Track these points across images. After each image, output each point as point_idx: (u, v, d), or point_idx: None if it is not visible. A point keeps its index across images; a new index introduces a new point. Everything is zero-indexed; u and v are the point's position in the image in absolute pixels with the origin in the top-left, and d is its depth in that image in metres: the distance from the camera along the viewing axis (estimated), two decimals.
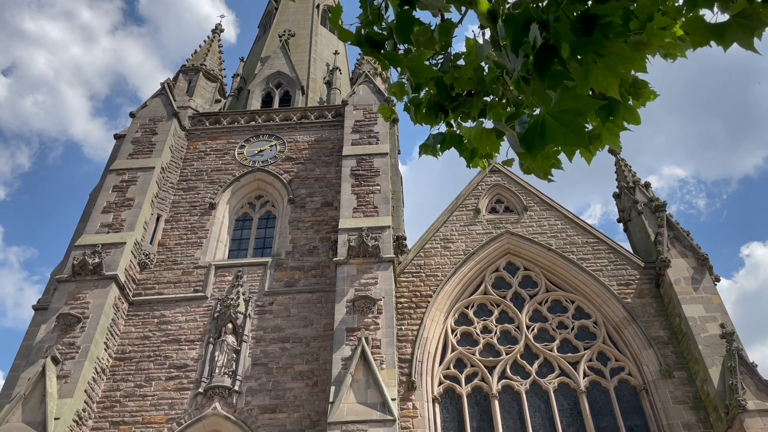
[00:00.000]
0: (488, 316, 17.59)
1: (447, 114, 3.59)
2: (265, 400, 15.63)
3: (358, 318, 15.71)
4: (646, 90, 3.28)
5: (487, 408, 15.96)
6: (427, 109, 3.58)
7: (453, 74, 3.40)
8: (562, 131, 2.91)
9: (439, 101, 3.54)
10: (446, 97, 3.52)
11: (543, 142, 2.95)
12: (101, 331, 16.00)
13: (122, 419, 15.41)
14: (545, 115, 2.93)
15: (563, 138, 2.91)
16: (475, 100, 3.45)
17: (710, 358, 15.04)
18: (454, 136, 3.67)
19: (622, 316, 16.96)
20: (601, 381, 16.20)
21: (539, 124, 2.95)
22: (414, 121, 3.64)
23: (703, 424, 14.83)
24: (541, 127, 2.94)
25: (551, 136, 2.94)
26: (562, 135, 2.91)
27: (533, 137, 2.97)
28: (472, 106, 3.45)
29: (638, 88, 3.31)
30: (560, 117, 2.91)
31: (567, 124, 2.90)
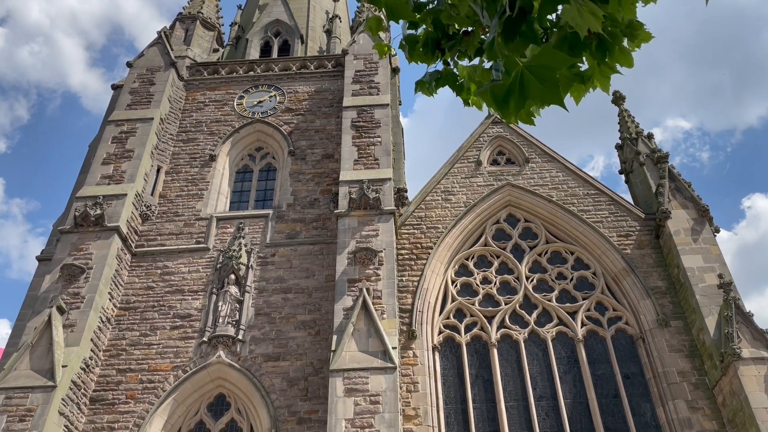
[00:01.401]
0: (488, 268, 17.73)
1: (443, 53, 3.52)
2: (268, 348, 15.93)
3: (359, 269, 15.85)
4: (642, 31, 3.20)
5: (485, 356, 16.26)
6: (424, 47, 3.51)
7: (449, 12, 3.31)
8: (539, 88, 2.91)
9: (436, 38, 3.46)
10: (443, 35, 3.45)
11: (522, 99, 2.97)
12: (105, 282, 16.19)
13: (129, 367, 15.76)
14: (523, 69, 2.92)
15: (541, 95, 2.92)
16: (472, 39, 3.37)
17: (707, 307, 15.23)
18: (450, 74, 3.61)
19: (621, 267, 17.09)
20: (599, 330, 16.46)
21: (518, 80, 2.94)
22: (409, 59, 3.58)
23: (697, 371, 15.13)
24: (520, 84, 2.94)
25: (530, 92, 2.94)
26: (540, 91, 2.92)
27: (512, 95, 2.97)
28: (468, 45, 3.37)
29: (633, 29, 3.23)
30: (537, 71, 2.90)
31: (544, 80, 2.90)
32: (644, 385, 15.52)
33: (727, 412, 14.25)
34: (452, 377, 16.02)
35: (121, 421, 14.86)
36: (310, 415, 14.79)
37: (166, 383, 15.41)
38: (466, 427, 15.16)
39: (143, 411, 14.98)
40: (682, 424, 14.43)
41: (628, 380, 15.68)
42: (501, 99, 3.03)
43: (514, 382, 15.83)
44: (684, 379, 15.06)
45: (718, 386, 14.50)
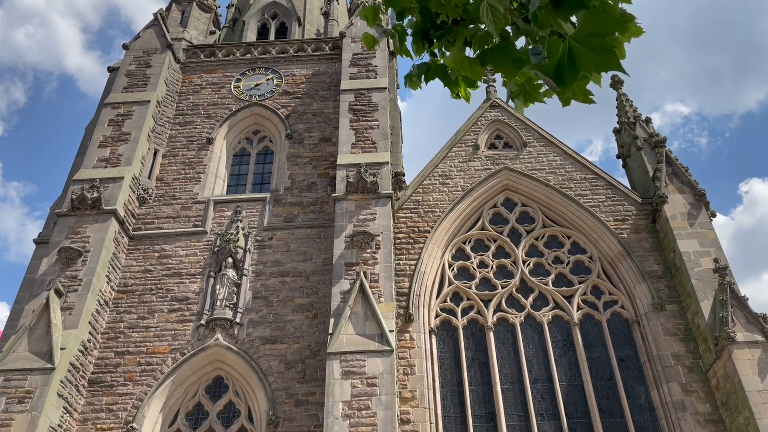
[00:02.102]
0: (485, 251, 17.78)
1: (432, 43, 3.48)
2: (266, 331, 16.01)
3: (356, 253, 15.88)
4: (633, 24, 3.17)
5: (482, 339, 16.37)
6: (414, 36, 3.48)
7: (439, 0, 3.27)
8: (592, 56, 2.80)
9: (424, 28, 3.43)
10: (431, 25, 3.41)
11: (574, 71, 2.85)
12: (103, 265, 16.22)
13: (127, 349, 15.84)
14: (570, 41, 2.81)
15: (595, 62, 2.80)
16: (461, 29, 3.33)
17: (702, 291, 15.30)
18: (439, 66, 3.57)
19: (617, 251, 17.14)
20: (594, 314, 16.55)
21: (566, 53, 2.82)
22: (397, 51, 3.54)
23: (692, 354, 15.25)
24: (570, 56, 2.83)
25: (582, 63, 2.83)
26: (593, 60, 2.80)
27: (563, 69, 2.86)
28: (457, 35, 3.34)
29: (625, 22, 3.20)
30: (587, 41, 2.79)
31: (595, 48, 2.78)
32: (639, 368, 15.65)
33: (721, 395, 14.38)
34: (449, 360, 16.13)
35: (120, 403, 14.98)
36: (307, 398, 14.92)
37: (164, 365, 15.51)
38: (462, 410, 15.29)
39: (141, 393, 15.10)
40: (676, 407, 14.58)
41: (623, 363, 15.80)
42: (553, 77, 2.92)
43: (510, 365, 15.95)
44: (678, 362, 15.18)
45: (712, 369, 14.62)
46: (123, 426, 14.64)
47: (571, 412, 15.13)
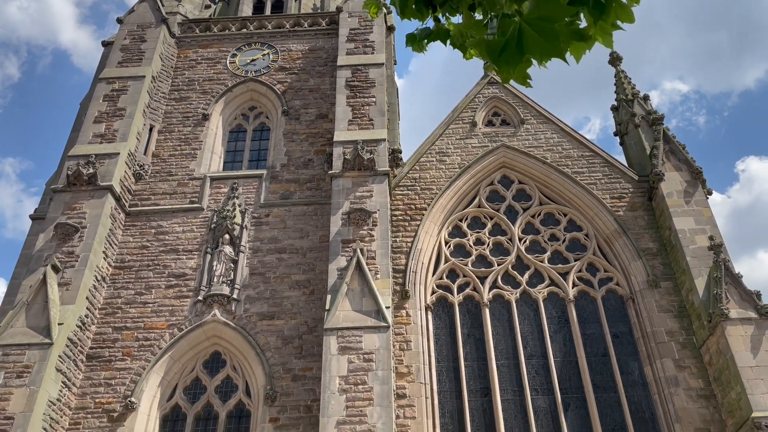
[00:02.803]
0: (481, 229, 17.82)
1: (435, 9, 3.45)
2: (263, 307, 16.09)
3: (353, 230, 15.91)
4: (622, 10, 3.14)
5: (477, 316, 16.49)
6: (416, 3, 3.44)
7: None
8: (539, 41, 2.86)
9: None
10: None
11: (520, 53, 2.91)
12: (99, 241, 16.21)
13: (124, 325, 15.91)
14: (521, 23, 2.86)
15: (540, 48, 2.87)
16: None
17: (697, 269, 15.41)
18: (442, 30, 3.54)
19: (613, 229, 17.21)
20: (590, 291, 16.67)
21: (515, 33, 2.88)
22: (401, 15, 3.50)
23: (685, 331, 15.41)
24: (518, 37, 2.88)
25: (528, 46, 2.89)
26: (539, 45, 2.87)
27: (510, 49, 2.91)
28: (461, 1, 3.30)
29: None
30: (536, 24, 2.85)
31: (543, 32, 2.84)
32: (633, 345, 15.82)
33: (713, 370, 14.57)
34: (444, 336, 16.27)
35: (118, 377, 15.09)
36: (304, 372, 15.05)
37: (161, 341, 15.60)
38: (457, 385, 15.46)
39: (140, 368, 15.20)
40: (669, 382, 14.77)
41: (617, 339, 15.97)
42: (497, 54, 2.97)
43: (506, 341, 16.09)
44: (672, 338, 15.34)
45: (705, 346, 14.79)
46: (122, 400, 14.76)
47: (565, 387, 15.32)
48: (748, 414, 13.05)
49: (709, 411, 14.30)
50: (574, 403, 15.12)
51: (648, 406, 14.97)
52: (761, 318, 14.22)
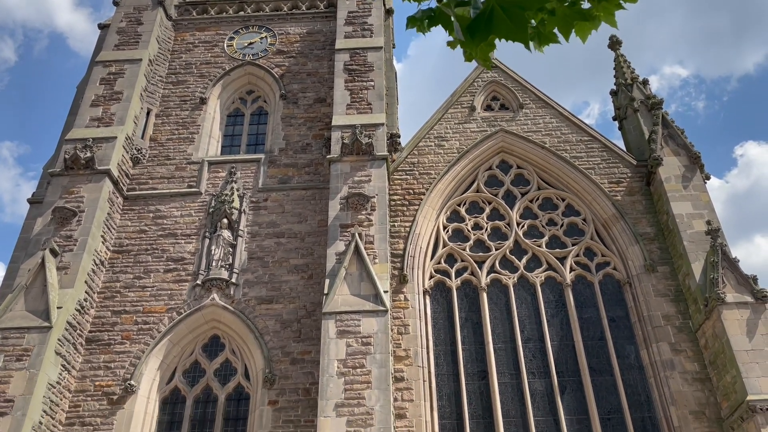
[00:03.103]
0: (480, 214, 17.84)
1: None
2: (261, 291, 16.14)
3: (351, 214, 15.92)
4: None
5: (475, 300, 16.56)
6: None
7: None
8: (507, 23, 2.99)
9: None
10: None
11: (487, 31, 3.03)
12: (97, 225, 16.21)
13: (123, 308, 15.96)
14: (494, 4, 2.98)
15: (507, 30, 3.00)
16: None
17: (694, 253, 15.47)
18: (444, 14, 3.52)
19: (611, 214, 17.25)
20: (587, 275, 16.74)
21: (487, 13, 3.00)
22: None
23: (682, 315, 15.50)
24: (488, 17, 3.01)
25: (496, 27, 3.02)
26: (506, 27, 2.99)
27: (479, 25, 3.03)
28: None
29: None
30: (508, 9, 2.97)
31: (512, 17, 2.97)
32: (629, 328, 15.92)
33: (709, 354, 14.68)
34: (442, 320, 16.35)
35: (118, 360, 15.17)
36: (303, 356, 15.13)
37: (160, 324, 15.66)
38: (455, 368, 15.57)
39: (139, 351, 15.27)
40: (665, 365, 14.89)
41: (614, 323, 16.06)
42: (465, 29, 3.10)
43: (503, 324, 16.18)
44: (668, 322, 15.44)
45: (701, 329, 14.89)
46: (121, 383, 14.85)
47: (561, 371, 15.44)
48: (743, 397, 13.17)
49: (705, 394, 14.44)
50: (571, 386, 15.25)
51: (644, 389, 15.10)
52: (757, 302, 14.31)
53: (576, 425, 14.72)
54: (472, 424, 14.81)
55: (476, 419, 14.90)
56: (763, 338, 13.84)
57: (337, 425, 12.80)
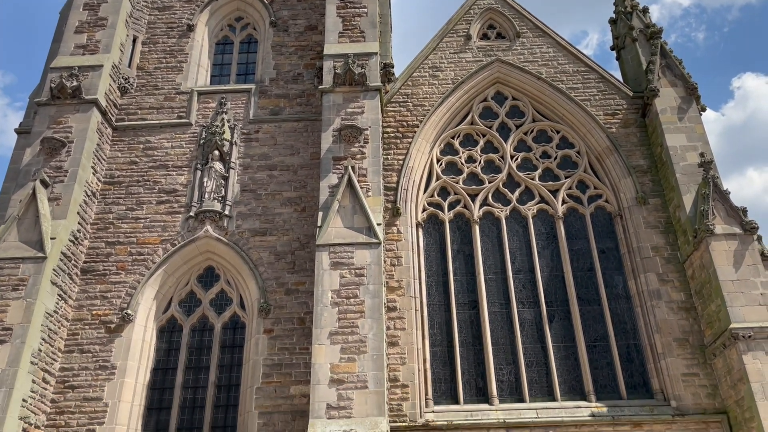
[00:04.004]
0: (473, 146, 17.73)
1: None
2: (255, 224, 16.19)
3: (344, 147, 15.80)
4: None
5: (467, 232, 16.70)
6: None
7: None
8: None
9: None
10: None
11: None
12: (87, 156, 16.04)
13: (117, 240, 16.03)
14: None
15: None
16: None
17: (686, 185, 15.54)
18: None
19: (605, 146, 17.18)
20: (579, 207, 16.84)
21: None
22: None
23: (670, 246, 15.73)
24: None
25: None
26: None
27: None
28: None
29: None
30: None
31: None
32: (618, 260, 16.17)
33: (695, 284, 14.99)
34: (434, 252, 16.53)
35: (114, 290, 15.35)
36: (297, 287, 15.37)
37: (155, 255, 15.77)
38: (446, 298, 15.87)
39: (134, 281, 15.44)
40: (652, 295, 15.22)
41: (604, 255, 16.29)
42: None
43: (494, 256, 16.39)
44: (657, 253, 15.68)
45: (689, 260, 15.14)
46: (118, 312, 15.09)
47: (550, 300, 15.77)
48: (727, 325, 13.55)
49: (689, 322, 14.84)
50: (559, 315, 15.62)
51: (630, 317, 15.50)
52: (746, 233, 14.49)
53: (563, 352, 15.18)
54: (462, 351, 15.23)
55: (466, 346, 15.32)
56: (749, 269, 14.11)
57: (332, 352, 13.15)
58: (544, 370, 15.00)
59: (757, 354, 13.13)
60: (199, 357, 15.22)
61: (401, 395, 14.24)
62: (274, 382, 14.27)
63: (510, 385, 14.88)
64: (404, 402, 14.18)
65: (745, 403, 13.02)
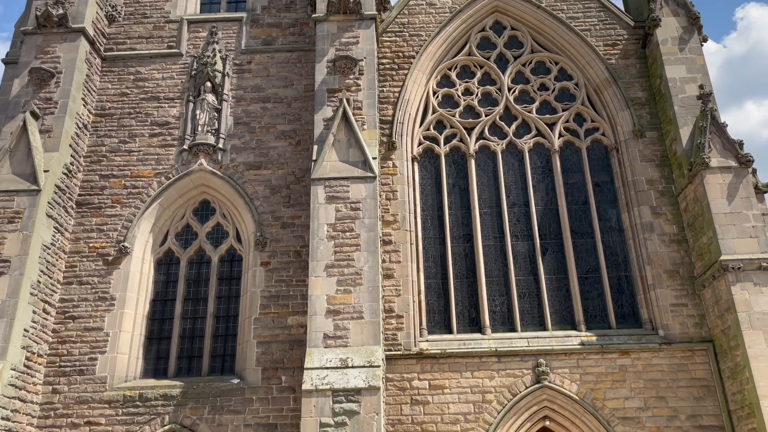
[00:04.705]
0: (471, 78, 17.44)
1: None
2: (249, 157, 16.09)
3: (339, 79, 15.53)
4: None
5: (463, 167, 16.66)
6: None
7: None
8: None
9: None
10: None
11: None
12: (77, 87, 15.74)
13: (111, 173, 15.94)
14: None
15: None
16: None
17: (683, 118, 15.42)
18: None
19: (604, 78, 16.92)
20: (575, 141, 16.74)
21: None
22: None
23: (665, 180, 15.76)
24: None
25: None
26: None
27: None
28: None
29: None
30: None
31: None
32: (613, 193, 16.22)
33: (688, 217, 15.12)
34: (430, 186, 16.54)
35: (110, 223, 15.40)
36: (293, 220, 15.43)
37: (149, 189, 15.74)
38: (441, 232, 15.99)
39: (130, 215, 15.47)
40: (644, 228, 15.37)
41: (598, 188, 16.32)
42: None
43: (489, 190, 16.42)
44: (651, 186, 15.72)
45: (683, 193, 15.21)
46: (115, 245, 15.19)
47: (544, 234, 15.91)
48: (717, 257, 13.75)
49: (680, 255, 15.05)
50: (552, 248, 15.80)
51: (622, 250, 15.69)
52: (741, 166, 14.50)
53: (555, 283, 15.44)
54: (456, 283, 15.48)
55: (460, 279, 15.56)
56: (742, 201, 14.19)
57: (328, 284, 13.35)
58: (536, 301, 15.30)
59: (746, 285, 13.38)
60: (197, 289, 15.44)
61: (396, 325, 14.56)
62: (272, 313, 14.55)
63: (502, 315, 15.21)
64: (399, 332, 14.52)
65: (731, 332, 13.38)
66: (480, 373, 14.16)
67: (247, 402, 13.75)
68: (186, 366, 14.73)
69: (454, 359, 14.32)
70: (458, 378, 14.14)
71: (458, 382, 14.09)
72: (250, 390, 13.86)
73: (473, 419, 13.78)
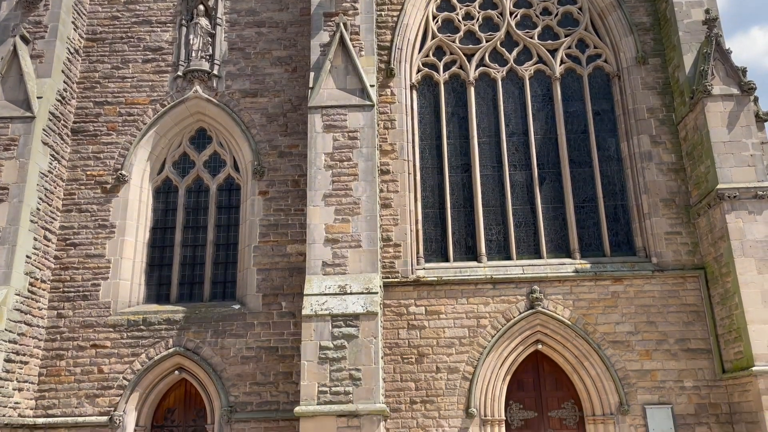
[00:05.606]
0: (472, 2, 16.93)
1: None
2: (245, 84, 15.85)
3: (335, 2, 15.14)
4: None
5: (462, 94, 16.42)
6: None
7: None
8: None
9: None
10: None
11: None
12: (67, 10, 15.31)
13: (105, 99, 15.73)
14: None
15: None
16: None
17: (688, 44, 15.07)
18: None
19: (608, 2, 16.42)
20: (577, 68, 16.43)
21: None
22: None
23: (666, 108, 15.58)
24: None
25: None
26: None
27: None
28: None
29: None
30: None
31: None
32: (613, 122, 16.07)
33: (687, 145, 15.05)
34: (428, 115, 16.36)
35: (106, 151, 15.34)
36: (290, 149, 15.38)
37: (145, 116, 15.58)
38: (439, 161, 15.94)
39: (126, 142, 15.38)
40: (643, 157, 15.32)
41: (598, 117, 16.15)
42: None
43: (488, 119, 16.25)
44: (652, 115, 15.56)
45: (683, 122, 15.07)
46: (113, 173, 15.18)
47: (542, 163, 15.87)
48: (714, 185, 13.77)
49: (677, 183, 15.08)
50: (550, 177, 15.81)
51: (619, 179, 15.70)
52: (743, 95, 14.28)
53: (551, 212, 15.54)
54: (453, 212, 15.58)
55: (457, 208, 15.65)
56: (742, 130, 14.08)
57: (326, 213, 13.46)
58: (532, 229, 15.44)
59: (740, 213, 13.47)
60: (197, 217, 15.56)
61: (393, 254, 14.76)
62: (271, 241, 14.72)
63: (498, 244, 15.39)
64: (396, 260, 14.73)
65: (723, 260, 13.59)
66: (475, 299, 14.48)
67: (249, 326, 14.14)
68: (188, 292, 15.04)
69: (450, 286, 14.60)
70: (454, 304, 14.46)
71: (454, 308, 14.43)
72: (251, 315, 14.21)
73: (468, 343, 14.19)
